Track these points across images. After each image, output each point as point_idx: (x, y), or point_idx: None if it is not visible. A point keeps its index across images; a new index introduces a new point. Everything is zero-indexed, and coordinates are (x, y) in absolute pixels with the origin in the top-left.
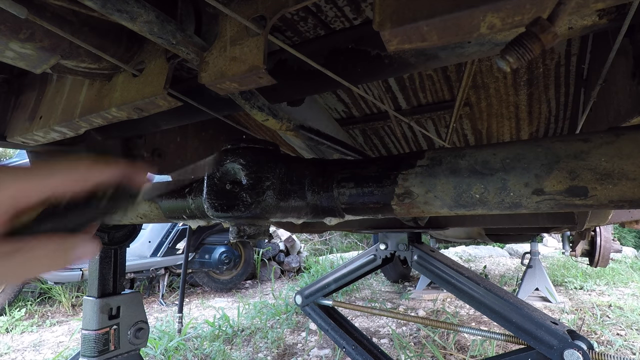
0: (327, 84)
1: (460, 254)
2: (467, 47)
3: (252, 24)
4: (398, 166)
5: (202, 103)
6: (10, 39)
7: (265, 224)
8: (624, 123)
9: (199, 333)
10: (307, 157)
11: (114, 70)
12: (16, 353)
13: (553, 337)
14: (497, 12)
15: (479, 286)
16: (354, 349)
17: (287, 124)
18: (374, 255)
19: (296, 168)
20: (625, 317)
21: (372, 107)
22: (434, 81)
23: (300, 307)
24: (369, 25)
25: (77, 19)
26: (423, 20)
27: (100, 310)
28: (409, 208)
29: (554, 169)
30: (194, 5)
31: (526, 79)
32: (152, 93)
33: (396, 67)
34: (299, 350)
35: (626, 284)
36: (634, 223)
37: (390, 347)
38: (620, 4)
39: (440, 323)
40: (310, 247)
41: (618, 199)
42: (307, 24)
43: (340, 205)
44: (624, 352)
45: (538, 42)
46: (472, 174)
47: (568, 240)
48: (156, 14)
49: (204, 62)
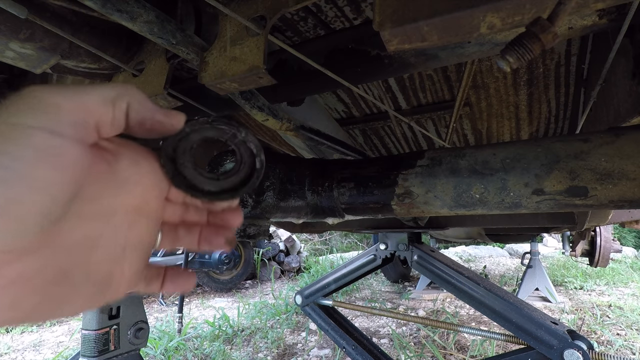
0: (327, 84)
1: (460, 254)
2: (467, 47)
3: (252, 24)
4: (398, 166)
5: (202, 103)
6: (10, 39)
7: (265, 223)
8: (624, 123)
9: (199, 333)
10: (307, 157)
11: (114, 70)
12: (16, 353)
13: (553, 337)
14: (497, 12)
15: (479, 286)
16: (354, 349)
17: (287, 124)
18: (374, 255)
19: (296, 168)
20: (625, 317)
21: (372, 107)
22: (434, 81)
23: (300, 307)
24: (369, 25)
25: (77, 19)
26: (423, 20)
27: (100, 310)
28: (409, 208)
29: (554, 169)
30: (194, 5)
31: (526, 79)
32: (152, 93)
33: (396, 67)
34: (299, 350)
35: (626, 284)
36: (634, 223)
37: (390, 347)
38: (620, 4)
39: (440, 323)
40: (310, 247)
41: (618, 199)
42: (307, 24)
43: (340, 205)
44: (624, 352)
45: (538, 42)
46: (472, 174)
47: (568, 240)
48: (156, 14)
49: (204, 62)
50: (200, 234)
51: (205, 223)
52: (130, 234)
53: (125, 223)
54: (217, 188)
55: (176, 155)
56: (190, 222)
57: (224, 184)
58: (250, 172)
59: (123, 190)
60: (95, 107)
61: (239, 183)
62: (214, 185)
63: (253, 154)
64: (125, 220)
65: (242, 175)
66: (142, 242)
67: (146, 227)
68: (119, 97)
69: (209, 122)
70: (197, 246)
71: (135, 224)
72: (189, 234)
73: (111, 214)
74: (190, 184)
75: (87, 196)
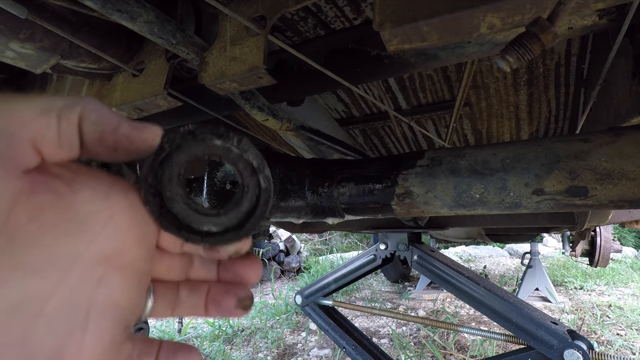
0: (327, 84)
1: (460, 254)
2: (467, 47)
3: (252, 24)
4: (398, 166)
5: (202, 103)
6: (11, 39)
7: (265, 223)
8: (624, 123)
9: (199, 333)
10: (307, 157)
11: (114, 70)
12: None
13: (553, 337)
14: (497, 12)
15: (479, 286)
16: (354, 349)
17: (287, 124)
18: (374, 255)
19: (296, 168)
20: (625, 317)
21: (372, 107)
22: (434, 81)
23: (300, 307)
24: (369, 25)
25: (77, 19)
26: (423, 20)
27: None
28: (409, 208)
29: (554, 169)
30: (194, 5)
31: (526, 79)
32: (152, 93)
33: (396, 67)
34: (299, 350)
35: (626, 284)
36: (634, 223)
37: (390, 347)
38: (620, 4)
39: (440, 323)
40: (310, 247)
41: (618, 199)
42: (307, 24)
43: (340, 205)
44: (624, 352)
45: (538, 42)
46: (472, 174)
47: (568, 240)
48: (156, 14)
49: (204, 62)
50: (207, 294)
51: (215, 279)
52: (97, 295)
53: (90, 279)
54: (219, 227)
55: (161, 185)
56: (196, 279)
57: (227, 220)
58: (257, 196)
59: (85, 232)
60: (29, 119)
61: (245, 215)
62: (215, 223)
63: (255, 171)
64: (89, 276)
65: (248, 204)
66: (117, 305)
67: (123, 285)
68: (66, 108)
69: (191, 132)
70: (204, 311)
71: (106, 281)
72: (193, 295)
73: (66, 266)
74: (183, 224)
75: (19, 241)
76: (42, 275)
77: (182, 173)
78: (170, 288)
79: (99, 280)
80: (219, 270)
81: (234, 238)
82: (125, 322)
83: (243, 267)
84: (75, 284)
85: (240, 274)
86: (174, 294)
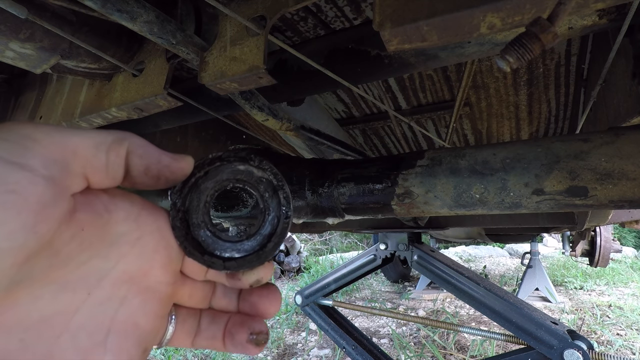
0: (327, 84)
1: (460, 254)
2: (467, 47)
3: (252, 24)
4: (398, 166)
5: (202, 103)
6: (10, 39)
7: None
8: (624, 123)
9: None
10: (307, 157)
11: (114, 70)
12: None
13: (553, 337)
14: (497, 12)
15: (479, 286)
16: (354, 348)
17: (287, 124)
18: (374, 255)
19: (296, 168)
20: (625, 317)
21: (372, 107)
22: (434, 81)
23: (300, 307)
24: (369, 25)
25: (77, 19)
26: (423, 20)
27: None
28: (409, 208)
29: (554, 169)
30: (194, 5)
31: (526, 79)
32: (152, 93)
33: (396, 67)
34: (299, 350)
35: (626, 284)
36: (634, 223)
37: (390, 347)
38: (620, 4)
39: (440, 323)
40: (310, 247)
41: (618, 199)
42: (307, 24)
43: (340, 205)
44: (624, 352)
45: (538, 42)
46: (472, 174)
47: (568, 240)
48: (156, 14)
49: (204, 62)
50: (226, 325)
51: (235, 311)
52: (120, 314)
53: (114, 298)
54: (241, 252)
55: (188, 212)
56: (218, 308)
57: (249, 246)
58: (277, 218)
59: (114, 251)
60: (82, 150)
61: (266, 238)
62: (239, 250)
63: (275, 190)
64: (114, 294)
65: (270, 226)
66: (137, 326)
67: (145, 306)
68: (116, 142)
69: (218, 157)
70: (222, 344)
71: (129, 301)
72: (213, 325)
73: (94, 283)
74: (206, 251)
75: (61, 256)
76: (73, 291)
77: (208, 201)
78: (192, 315)
79: (122, 300)
80: (239, 300)
81: (255, 261)
82: (144, 344)
83: (260, 297)
84: (100, 301)
85: (257, 305)
86: (196, 322)
